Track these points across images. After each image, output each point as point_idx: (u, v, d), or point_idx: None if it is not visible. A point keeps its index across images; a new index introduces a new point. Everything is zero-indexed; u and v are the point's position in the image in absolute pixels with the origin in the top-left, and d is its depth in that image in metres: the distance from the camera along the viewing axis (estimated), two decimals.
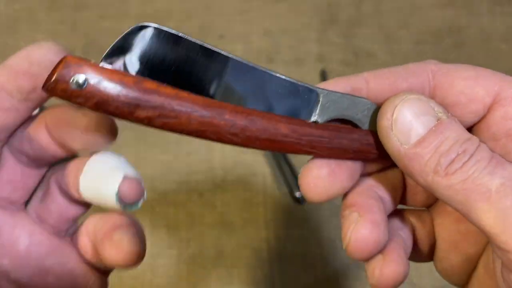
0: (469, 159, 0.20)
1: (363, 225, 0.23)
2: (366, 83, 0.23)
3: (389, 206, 0.26)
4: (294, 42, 0.59)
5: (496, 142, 0.22)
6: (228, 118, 0.21)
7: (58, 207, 0.25)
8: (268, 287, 0.49)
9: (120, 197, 0.23)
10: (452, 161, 0.20)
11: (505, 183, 0.19)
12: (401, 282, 0.24)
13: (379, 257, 0.24)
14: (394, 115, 0.21)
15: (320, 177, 0.23)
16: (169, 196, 0.51)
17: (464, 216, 0.20)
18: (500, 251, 0.20)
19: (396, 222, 0.27)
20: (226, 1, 0.60)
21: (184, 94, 0.20)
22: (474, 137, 0.21)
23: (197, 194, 0.52)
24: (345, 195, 0.25)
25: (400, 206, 0.27)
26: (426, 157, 0.20)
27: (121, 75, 0.19)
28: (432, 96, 0.23)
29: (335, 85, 0.23)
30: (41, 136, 0.24)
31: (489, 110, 0.22)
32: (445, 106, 0.22)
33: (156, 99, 0.20)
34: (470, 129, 0.23)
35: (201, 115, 0.20)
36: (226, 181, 0.52)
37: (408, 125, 0.21)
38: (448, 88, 0.22)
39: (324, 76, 0.56)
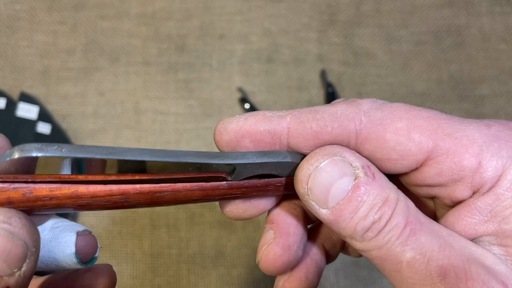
0: (384, 227, 0.20)
1: (273, 249, 0.24)
2: (287, 130, 0.22)
3: (314, 217, 0.26)
4: (294, 42, 0.59)
5: (430, 188, 0.22)
6: (132, 201, 0.20)
7: None
8: (268, 287, 0.49)
9: (80, 256, 0.22)
10: (368, 229, 0.20)
11: (415, 257, 0.19)
12: None
13: (287, 273, 0.26)
14: (309, 184, 0.21)
15: (236, 205, 0.24)
16: None
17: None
18: None
19: (322, 229, 0.28)
20: (226, 1, 0.60)
21: (83, 189, 0.19)
22: (392, 195, 0.20)
23: None
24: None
25: None
26: (343, 224, 0.20)
27: (7, 192, 0.18)
28: (358, 149, 0.22)
29: (255, 123, 0.22)
30: None
31: (423, 164, 0.21)
32: (375, 160, 0.21)
33: (51, 204, 0.18)
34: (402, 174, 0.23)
35: (102, 204, 0.19)
36: None
37: (324, 192, 0.21)
38: (378, 143, 0.21)
39: (324, 76, 0.56)
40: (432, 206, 0.24)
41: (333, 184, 0.20)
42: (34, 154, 0.17)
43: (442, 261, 0.19)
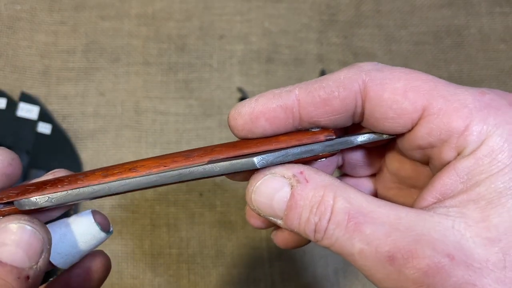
0: (327, 225, 0.21)
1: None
2: (298, 102, 0.23)
3: None
4: (293, 42, 0.59)
5: (422, 150, 0.23)
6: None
7: None
8: (268, 286, 0.49)
9: (100, 225, 0.26)
10: (315, 231, 0.22)
11: (363, 248, 0.21)
12: (295, 247, 0.28)
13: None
14: (255, 205, 0.23)
15: None
16: (169, 196, 0.51)
17: None
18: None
19: None
20: (226, 1, 0.60)
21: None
22: (327, 192, 0.22)
23: (197, 194, 0.52)
24: None
25: None
26: (296, 230, 0.22)
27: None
28: (363, 108, 0.23)
29: (267, 102, 0.24)
30: None
31: (416, 124, 0.22)
32: (375, 119, 0.23)
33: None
34: (398, 136, 0.24)
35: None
36: (226, 181, 0.52)
37: (268, 208, 0.23)
38: (376, 102, 0.22)
39: None
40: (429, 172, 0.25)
41: (273, 199, 0.22)
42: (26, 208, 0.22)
43: (389, 246, 0.20)
